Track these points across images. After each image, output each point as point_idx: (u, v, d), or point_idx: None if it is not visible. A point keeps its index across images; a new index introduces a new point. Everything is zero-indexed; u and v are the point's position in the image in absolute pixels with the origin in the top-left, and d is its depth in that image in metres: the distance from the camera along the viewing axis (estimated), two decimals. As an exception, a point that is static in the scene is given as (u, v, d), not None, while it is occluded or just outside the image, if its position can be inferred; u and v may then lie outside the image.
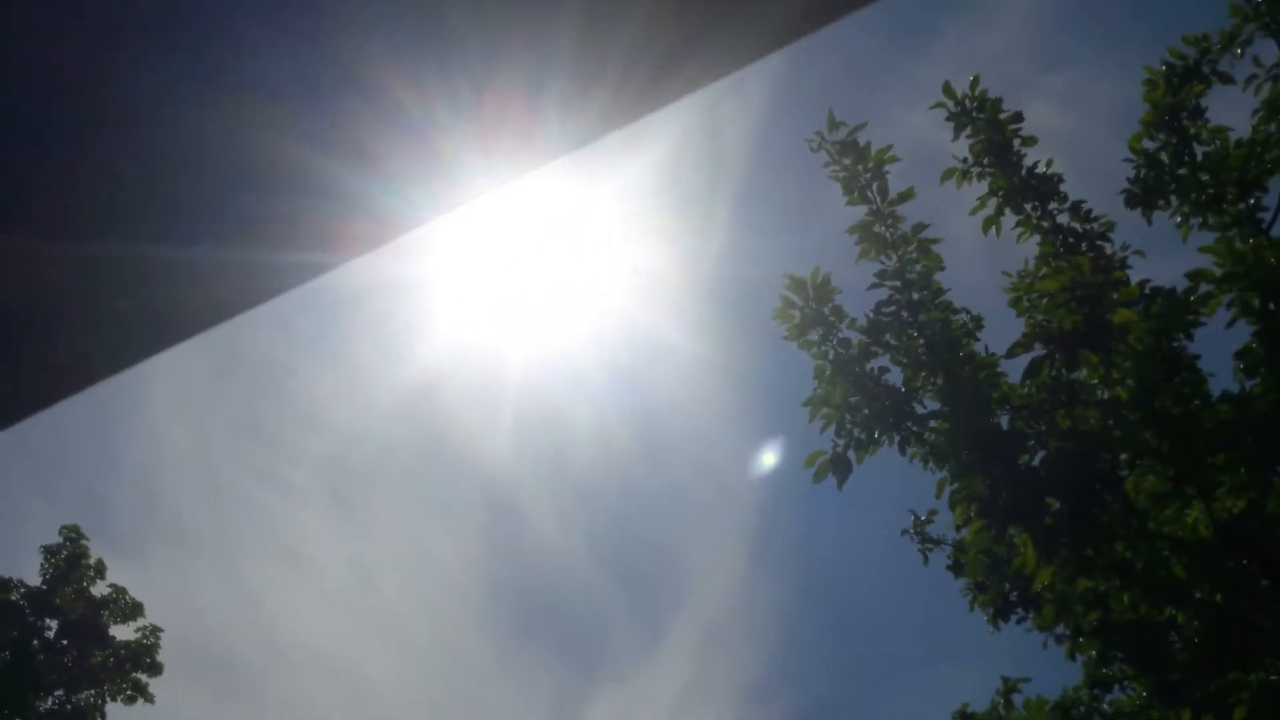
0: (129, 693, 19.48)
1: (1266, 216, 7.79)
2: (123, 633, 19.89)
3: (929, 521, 9.67)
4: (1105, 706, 8.12)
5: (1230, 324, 6.85)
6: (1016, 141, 8.20)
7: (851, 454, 7.79)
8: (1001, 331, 8.37)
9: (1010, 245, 8.51)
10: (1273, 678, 6.37)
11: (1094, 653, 7.89)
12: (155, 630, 19.90)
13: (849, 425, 7.84)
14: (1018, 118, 8.17)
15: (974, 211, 8.28)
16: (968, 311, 8.03)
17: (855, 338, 8.13)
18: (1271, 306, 6.68)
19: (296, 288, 1.19)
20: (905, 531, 9.73)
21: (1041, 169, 8.07)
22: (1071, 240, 8.02)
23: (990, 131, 8.18)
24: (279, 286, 1.18)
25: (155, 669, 19.70)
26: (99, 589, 19.92)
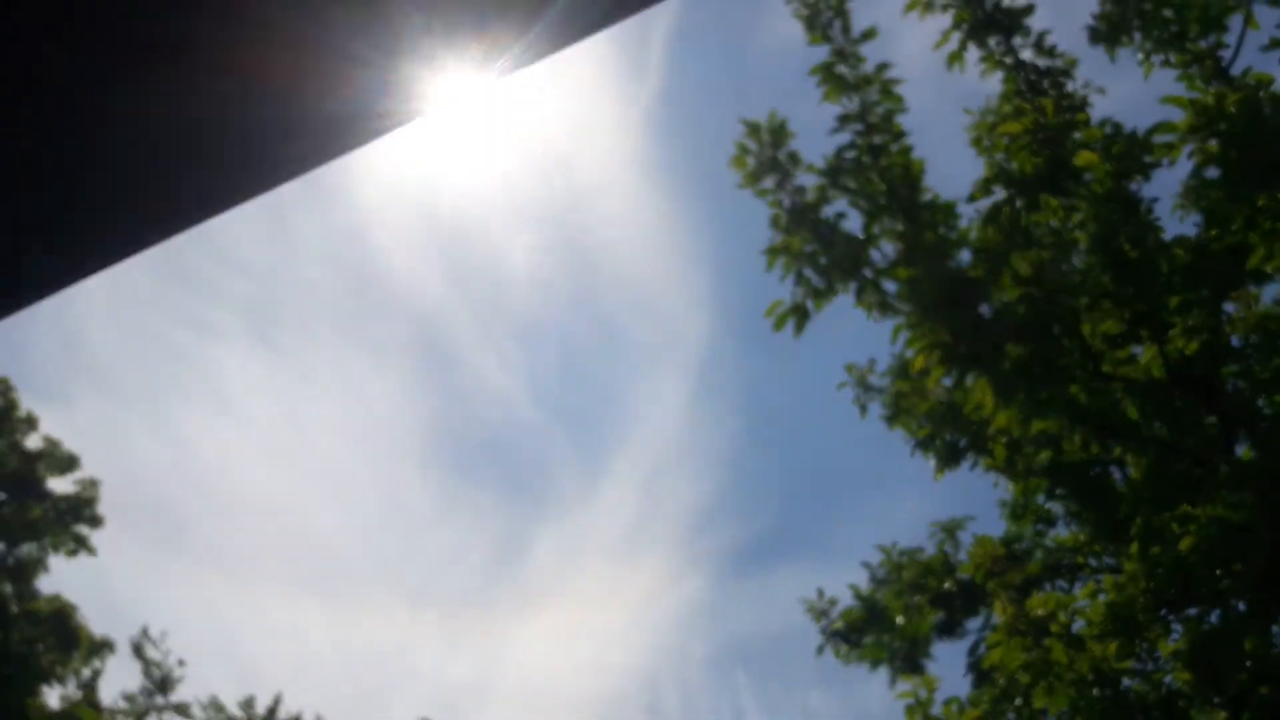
0: (71, 546, 19.40)
1: (1227, 55, 7.70)
2: (60, 485, 19.67)
3: (869, 371, 9.65)
4: (1049, 543, 8.41)
5: (1194, 173, 6.84)
6: (981, -28, 7.92)
7: (810, 303, 7.74)
8: (957, 167, 8.27)
9: (964, 84, 8.33)
10: (1219, 511, 6.60)
11: (1040, 494, 8.14)
12: (94, 483, 19.68)
13: (806, 274, 7.76)
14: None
15: (937, 46, 8.04)
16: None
17: (812, 182, 7.98)
18: (1233, 153, 6.65)
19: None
20: (843, 385, 9.67)
21: (1007, 1, 7.83)
22: (1034, 78, 7.85)
23: (954, -38, 7.88)
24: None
25: (96, 522, 19.58)
26: (32, 442, 19.58)
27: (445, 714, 43.33)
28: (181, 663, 20.55)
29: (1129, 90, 9.35)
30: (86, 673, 18.92)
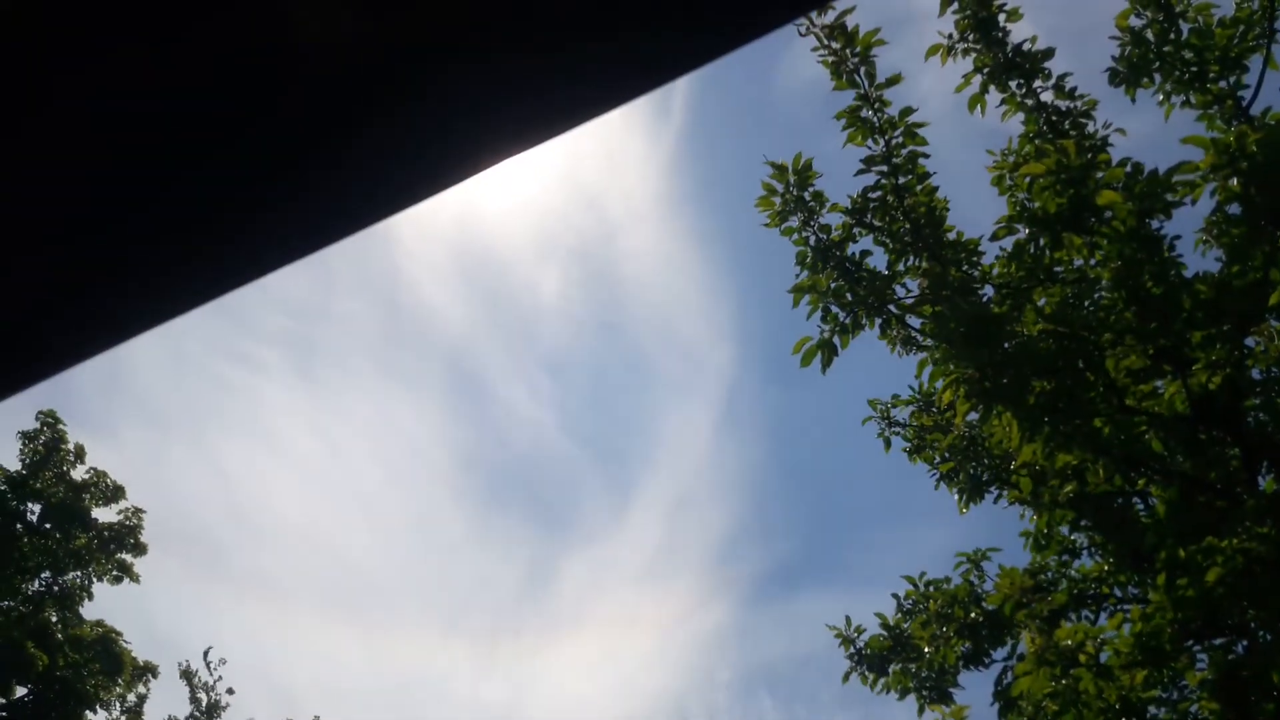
0: (114, 573, 19.80)
1: (1247, 95, 7.84)
2: (105, 515, 20.10)
3: (892, 405, 9.79)
4: (1073, 573, 8.51)
5: (1214, 211, 6.97)
6: (1002, 16, 8.11)
7: (836, 339, 7.93)
8: (978, 202, 8.43)
9: (983, 122, 8.51)
10: (1245, 543, 6.69)
11: (1065, 525, 8.25)
12: (138, 511, 20.11)
13: (833, 310, 7.95)
14: (1003, -8, 8.07)
15: (959, 90, 8.24)
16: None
17: (837, 220, 8.19)
18: (1252, 191, 6.78)
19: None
20: (868, 419, 9.81)
21: (1027, 45, 8.01)
22: (1055, 118, 8.03)
23: (976, 6, 8.07)
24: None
25: (139, 549, 19.98)
26: (79, 473, 20.03)
27: (479, 739, 43.42)
28: (230, 691, 20.79)
29: (1149, 130, 9.50)
30: (131, 698, 19.24)
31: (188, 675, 20.41)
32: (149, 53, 1.00)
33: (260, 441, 42.60)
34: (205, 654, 20.72)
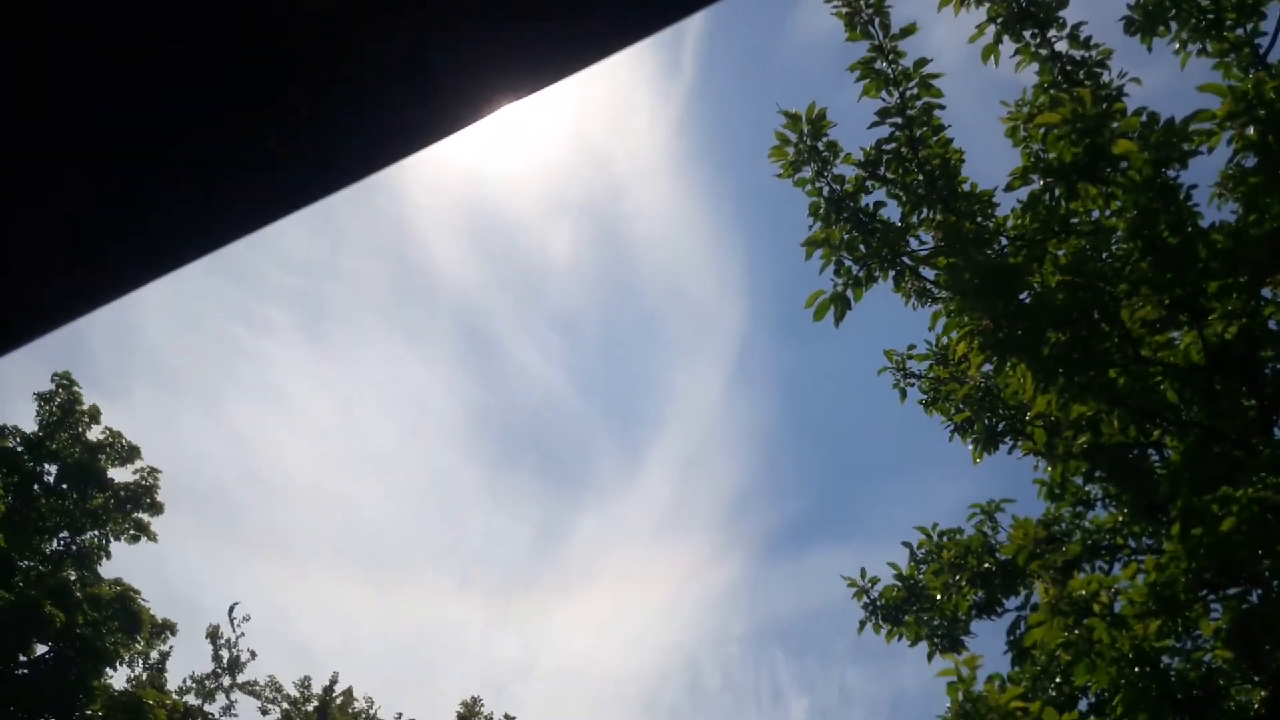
0: (131, 532, 19.99)
1: (1264, 42, 7.75)
2: (121, 475, 20.25)
3: (908, 357, 9.80)
4: (1087, 524, 8.54)
5: (1232, 159, 6.90)
6: (1016, -36, 8.01)
7: (849, 292, 7.91)
8: (991, 155, 8.38)
9: (996, 76, 8.43)
10: (1260, 493, 6.71)
11: (1080, 476, 8.26)
12: (153, 471, 20.26)
13: (846, 263, 7.93)
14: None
15: (973, 40, 8.15)
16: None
17: (850, 173, 8.14)
18: (1270, 139, 6.72)
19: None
20: (883, 370, 9.83)
21: (1042, -6, 7.92)
22: (1069, 68, 7.95)
23: (990, -46, 7.98)
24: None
25: (156, 509, 20.16)
26: (94, 434, 20.16)
27: (492, 691, 44.00)
28: (253, 654, 21.02)
29: (1164, 80, 9.41)
30: (153, 655, 19.48)
31: (213, 635, 20.67)
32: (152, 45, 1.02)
33: (272, 401, 42.83)
34: (230, 610, 21.00)
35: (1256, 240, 7.02)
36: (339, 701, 21.22)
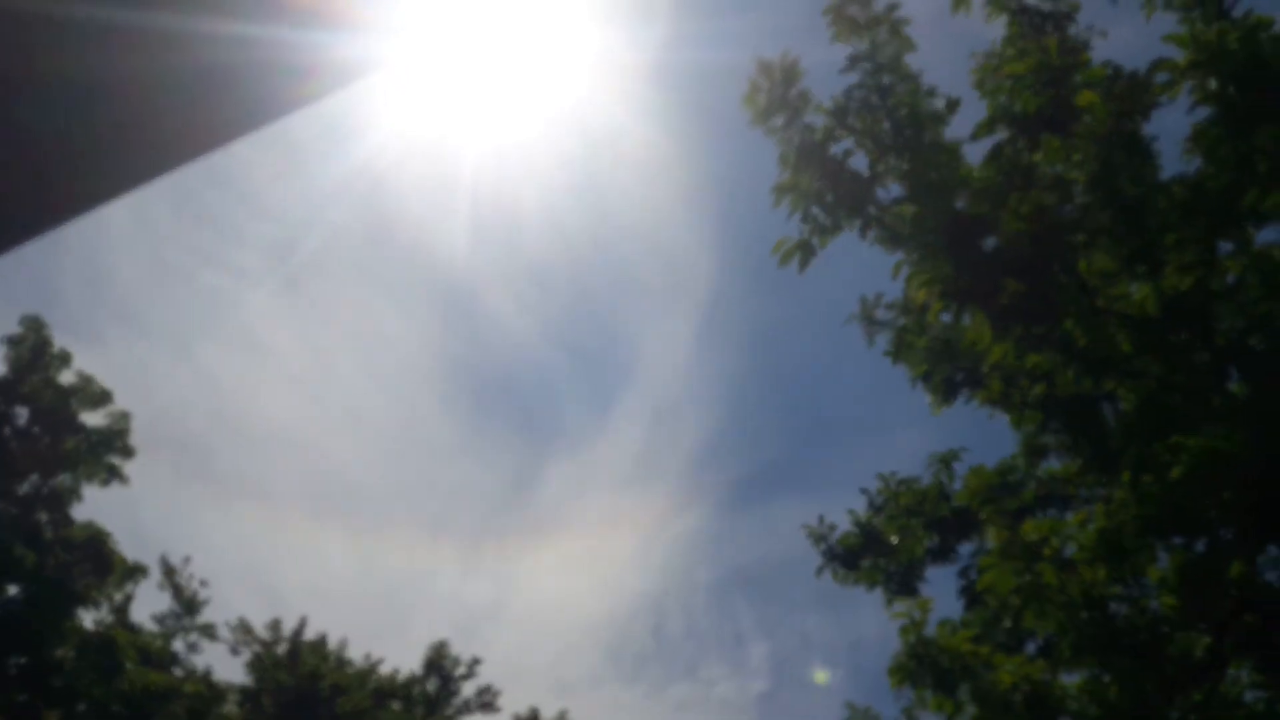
0: (104, 475, 19.97)
1: (1230, -3, 7.78)
2: (93, 419, 20.20)
3: (876, 305, 9.88)
4: (1041, 473, 8.67)
5: (1191, 109, 6.96)
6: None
7: (815, 240, 7.96)
8: (959, 113, 8.43)
9: (969, 39, 8.46)
10: (1210, 442, 6.82)
11: (1033, 427, 8.37)
12: (125, 415, 20.22)
13: (813, 211, 7.97)
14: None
15: (944, -11, 8.16)
16: (946, 96, 8.03)
17: (820, 122, 8.16)
18: (1232, 91, 6.78)
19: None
20: (851, 316, 9.90)
21: (1014, -56, 7.93)
22: (1038, 21, 7.98)
23: (963, -96, 7.98)
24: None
25: (127, 452, 20.13)
26: (66, 377, 20.08)
27: (462, 635, 44.38)
28: (204, 584, 21.23)
29: (1130, 35, 9.43)
30: (119, 597, 19.56)
31: (168, 572, 20.80)
32: None
33: (248, 348, 42.64)
34: (162, 557, 21.31)
35: (1214, 193, 7.10)
36: (309, 642, 21.38)
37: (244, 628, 21.26)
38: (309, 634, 21.70)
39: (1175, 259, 7.26)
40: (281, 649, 20.94)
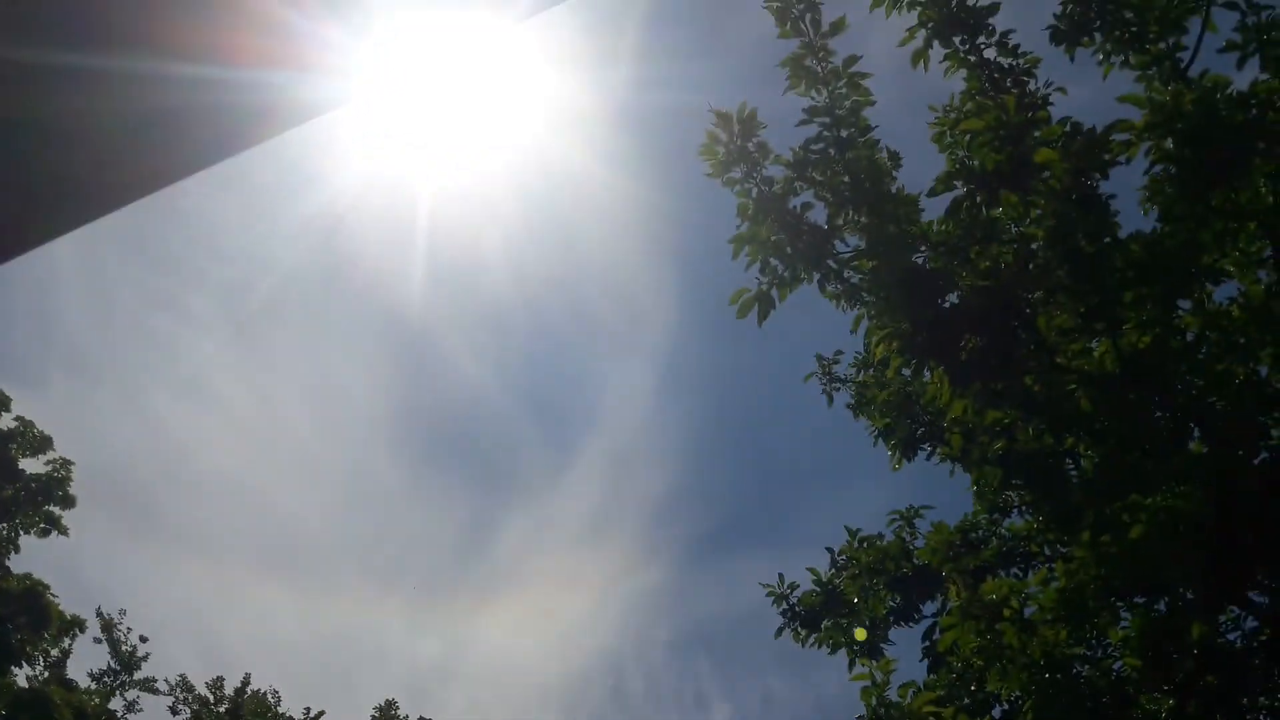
0: (42, 525, 19.37)
1: (1185, 56, 7.85)
2: (32, 466, 19.62)
3: (835, 362, 9.84)
4: (1003, 530, 8.58)
5: (1148, 170, 6.98)
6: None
7: (774, 292, 7.87)
8: (919, 166, 8.43)
9: (926, 90, 8.47)
10: (1170, 502, 6.76)
11: (994, 483, 8.29)
12: (66, 463, 19.65)
13: (773, 263, 7.89)
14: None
15: (903, 43, 8.18)
16: (886, 148, 8.02)
17: (779, 173, 8.10)
18: (1188, 152, 6.80)
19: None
20: (810, 375, 9.85)
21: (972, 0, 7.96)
22: (997, 76, 8.00)
23: (922, -40, 8.01)
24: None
25: (68, 501, 19.55)
26: (4, 422, 19.51)
27: (412, 695, 43.45)
28: (144, 639, 20.63)
29: (1088, 93, 9.52)
30: (56, 652, 18.93)
31: (106, 627, 20.17)
32: None
33: (194, 394, 41.91)
34: (98, 610, 20.71)
35: (1171, 251, 7.10)
36: (251, 699, 20.75)
37: (184, 685, 20.62)
38: (252, 690, 21.08)
39: (1134, 316, 7.23)
40: (223, 708, 20.31)
